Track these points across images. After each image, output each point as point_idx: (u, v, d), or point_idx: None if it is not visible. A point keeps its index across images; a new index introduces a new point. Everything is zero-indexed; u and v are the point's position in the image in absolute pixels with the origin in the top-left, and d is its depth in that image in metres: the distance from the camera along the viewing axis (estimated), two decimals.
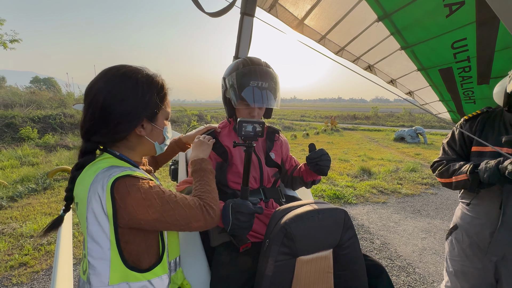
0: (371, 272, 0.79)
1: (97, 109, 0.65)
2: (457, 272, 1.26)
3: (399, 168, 5.92)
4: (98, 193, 0.60)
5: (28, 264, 2.27)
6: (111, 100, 0.65)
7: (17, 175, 4.76)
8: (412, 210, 3.69)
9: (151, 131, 0.73)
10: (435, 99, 3.06)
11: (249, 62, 1.06)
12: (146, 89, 0.69)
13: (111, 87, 0.66)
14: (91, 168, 0.66)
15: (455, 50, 2.10)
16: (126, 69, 0.69)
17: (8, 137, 7.72)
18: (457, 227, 1.29)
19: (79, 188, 0.65)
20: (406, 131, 10.66)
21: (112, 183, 0.60)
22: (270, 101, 1.03)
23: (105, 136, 0.67)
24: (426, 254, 2.58)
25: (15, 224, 2.98)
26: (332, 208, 0.70)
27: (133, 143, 0.73)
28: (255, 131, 0.82)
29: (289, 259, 0.66)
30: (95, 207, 0.60)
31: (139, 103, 0.68)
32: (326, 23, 1.90)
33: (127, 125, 0.67)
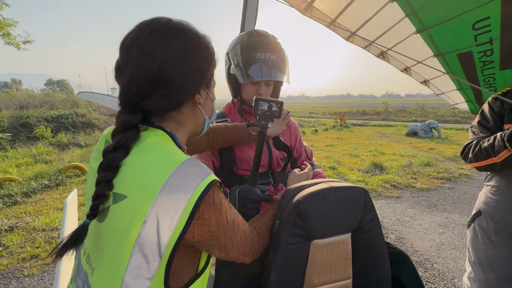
0: (394, 260, 0.71)
1: (155, 65, 0.51)
2: (482, 262, 1.16)
3: (413, 163, 5.72)
4: (177, 193, 0.45)
5: (40, 257, 2.30)
6: (173, 54, 0.52)
7: (31, 172, 4.88)
8: (428, 205, 3.54)
9: (205, 101, 0.60)
10: (452, 88, 2.91)
11: (255, 33, 0.98)
12: (207, 46, 0.58)
13: (169, 38, 0.52)
14: (150, 154, 0.50)
15: (476, 31, 1.96)
16: (177, 20, 0.55)
17: (23, 136, 7.95)
18: (480, 212, 1.19)
19: (131, 177, 0.48)
20: (419, 126, 10.32)
21: (205, 187, 0.47)
22: (278, 74, 0.95)
23: (162, 99, 0.52)
24: (445, 249, 2.46)
25: (29, 218, 3.03)
26: (351, 186, 0.62)
27: (185, 116, 0.58)
28: (271, 111, 0.75)
29: (302, 242, 0.59)
30: (162, 213, 0.45)
31: (203, 60, 0.56)
32: (336, 5, 1.80)
33: (191, 85, 0.55)
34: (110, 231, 0.48)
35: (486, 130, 1.14)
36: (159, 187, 0.45)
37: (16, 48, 6.81)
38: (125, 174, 0.48)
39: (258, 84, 0.98)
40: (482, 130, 1.17)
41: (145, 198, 0.45)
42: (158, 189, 0.45)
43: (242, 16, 1.14)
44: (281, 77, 0.96)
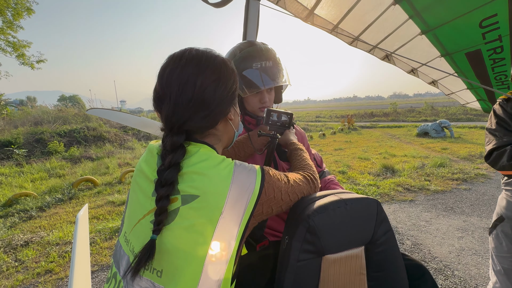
0: (412, 273, 0.67)
1: (195, 91, 0.59)
2: (508, 270, 1.09)
3: (425, 164, 5.57)
4: (242, 187, 0.56)
5: (54, 271, 2.32)
6: (208, 80, 0.60)
7: (45, 187, 5.01)
8: (444, 208, 3.41)
9: (234, 117, 0.70)
10: (462, 88, 2.84)
11: (245, 45, 0.98)
12: (234, 71, 0.67)
13: (204, 68, 0.61)
14: (207, 159, 0.59)
15: (483, 29, 1.92)
16: (208, 52, 0.65)
17: (38, 151, 8.21)
18: (503, 218, 1.13)
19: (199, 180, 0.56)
20: (430, 125, 10.09)
21: (261, 176, 0.59)
22: (278, 79, 0.95)
23: (203, 120, 0.61)
24: (465, 254, 2.34)
25: (43, 232, 3.09)
26: (362, 197, 0.60)
27: (220, 131, 0.68)
28: (281, 121, 0.76)
29: (313, 258, 0.57)
30: (234, 200, 0.55)
31: (233, 83, 0.65)
32: (338, 11, 1.81)
33: (226, 106, 0.64)
34: (182, 229, 0.53)
35: (511, 133, 1.09)
36: (229, 181, 0.55)
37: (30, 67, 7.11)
38: (192, 178, 0.56)
39: (260, 93, 0.97)
40: (505, 133, 1.12)
41: (219, 193, 0.54)
42: (228, 184, 0.55)
43: (244, 25, 1.16)
44: (280, 81, 0.96)
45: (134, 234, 0.59)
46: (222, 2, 1.21)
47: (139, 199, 0.62)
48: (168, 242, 0.54)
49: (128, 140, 10.83)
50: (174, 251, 0.53)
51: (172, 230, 0.54)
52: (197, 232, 0.53)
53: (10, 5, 5.94)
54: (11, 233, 3.10)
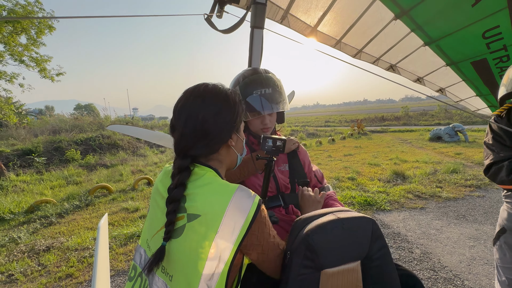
0: (404, 282, 0.73)
1: (197, 124, 0.70)
2: None
3: (438, 170, 5.47)
4: (239, 211, 0.62)
5: (74, 276, 2.46)
6: (209, 113, 0.70)
7: (64, 194, 5.25)
8: (456, 216, 3.36)
9: (236, 142, 0.78)
10: (471, 95, 2.84)
11: (249, 73, 1.08)
12: (235, 101, 0.75)
13: (208, 102, 0.71)
14: (212, 182, 0.68)
15: (487, 39, 1.96)
16: (213, 86, 0.75)
17: (56, 159, 8.59)
18: (505, 230, 1.15)
19: (202, 201, 0.65)
20: (443, 130, 9.87)
21: (257, 205, 0.64)
22: (278, 104, 1.04)
23: (203, 148, 0.71)
24: (476, 264, 2.31)
25: (63, 238, 3.27)
26: (358, 216, 0.67)
27: (222, 156, 0.77)
28: (276, 146, 0.85)
29: (312, 273, 0.63)
30: (230, 224, 0.61)
31: (232, 114, 0.74)
32: (340, 28, 1.88)
33: (224, 136, 0.73)
34: (188, 243, 0.63)
35: (508, 149, 1.13)
36: (226, 205, 0.62)
37: (51, 80, 7.52)
38: (196, 199, 0.65)
39: (262, 117, 1.07)
40: (502, 148, 1.15)
41: (217, 214, 0.62)
42: (225, 207, 0.62)
43: (249, 52, 1.25)
44: (279, 107, 1.05)
45: (154, 242, 0.71)
46: (229, 29, 1.32)
47: (157, 214, 0.73)
48: (177, 253, 0.64)
49: (141, 147, 11.16)
50: (179, 261, 0.63)
51: (180, 243, 0.64)
52: (197, 247, 0.61)
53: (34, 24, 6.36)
54: (34, 239, 3.29)
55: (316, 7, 1.70)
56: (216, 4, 1.43)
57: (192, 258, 0.61)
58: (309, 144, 10.96)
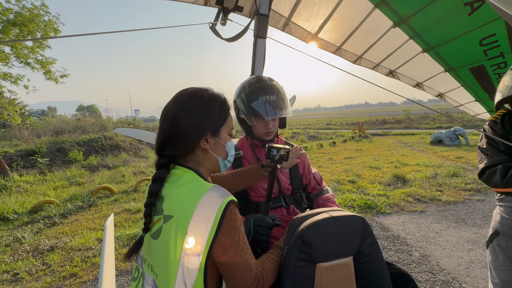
0: (397, 280, 0.77)
1: (168, 125, 0.73)
2: (505, 283, 1.15)
3: (438, 174, 5.49)
4: (207, 212, 0.62)
5: (77, 275, 2.50)
6: (179, 115, 0.73)
7: (66, 194, 5.31)
8: (455, 219, 3.38)
9: (214, 146, 0.78)
10: (470, 100, 2.88)
11: (254, 81, 1.14)
12: (209, 104, 0.75)
13: (180, 103, 0.74)
14: (187, 184, 0.69)
15: (484, 47, 2.00)
16: (193, 89, 0.77)
17: (59, 160, 8.67)
18: (498, 233, 1.19)
19: (175, 202, 0.67)
20: (444, 133, 9.89)
21: (225, 206, 0.64)
22: (281, 111, 1.10)
23: (173, 149, 0.74)
24: (474, 267, 2.34)
25: (66, 238, 3.31)
26: (349, 215, 0.71)
27: (200, 158, 0.77)
28: (280, 155, 0.90)
29: (308, 266, 0.68)
30: (199, 224, 0.62)
31: (203, 117, 0.74)
32: (340, 35, 1.94)
33: (193, 137, 0.74)
34: (164, 243, 0.65)
35: (501, 153, 1.16)
36: (195, 205, 0.63)
37: (55, 82, 7.62)
38: (171, 200, 0.68)
39: (265, 121, 1.12)
40: (495, 152, 1.18)
41: (186, 215, 0.63)
42: (195, 207, 0.63)
43: (252, 61, 1.31)
44: (283, 113, 1.11)
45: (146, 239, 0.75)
46: (233, 37, 1.38)
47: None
48: (158, 253, 0.67)
49: (142, 149, 11.23)
50: (160, 260, 0.66)
51: (159, 244, 0.67)
52: (171, 247, 0.63)
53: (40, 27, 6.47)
54: (38, 239, 3.34)
55: (317, 15, 1.76)
56: (220, 12, 1.49)
57: (168, 257, 0.63)
58: (310, 147, 11.00)
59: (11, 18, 6.23)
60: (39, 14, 6.61)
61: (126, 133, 1.68)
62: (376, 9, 1.71)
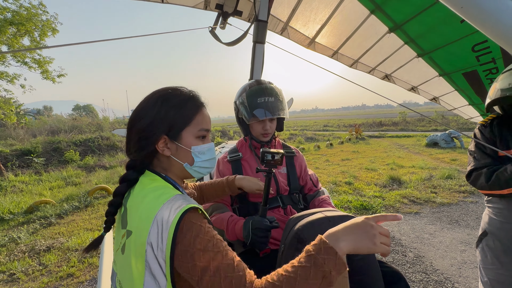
0: (389, 278, 0.80)
1: (127, 128, 0.72)
2: (493, 282, 1.19)
3: (433, 176, 5.57)
4: (162, 227, 0.57)
5: (75, 275, 2.50)
6: (134, 118, 0.70)
7: (63, 194, 5.28)
8: (449, 221, 3.44)
9: (176, 151, 0.71)
10: (463, 104, 2.95)
11: (255, 83, 1.19)
12: (160, 105, 0.69)
13: (138, 107, 0.71)
14: (148, 195, 0.64)
15: (477, 53, 2.06)
16: (156, 90, 0.73)
17: (55, 160, 8.61)
18: (486, 233, 1.24)
19: (134, 216, 0.62)
20: (439, 136, 10.02)
21: (178, 219, 0.57)
22: (278, 111, 1.14)
23: (131, 152, 0.71)
24: (467, 268, 2.39)
25: (63, 239, 3.30)
26: (343, 215, 0.75)
27: (164, 164, 0.73)
28: (275, 160, 0.93)
29: None
30: (154, 241, 0.57)
31: (154, 119, 0.68)
32: (337, 39, 1.99)
33: (146, 141, 0.68)
34: (128, 260, 0.61)
35: (487, 156, 1.21)
36: (151, 221, 0.58)
37: (52, 81, 7.59)
38: (132, 214, 0.64)
39: (263, 122, 1.16)
40: (482, 155, 1.23)
41: (143, 232, 0.58)
42: (150, 223, 0.58)
43: (251, 65, 1.34)
44: (279, 114, 1.15)
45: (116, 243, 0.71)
46: (232, 42, 1.41)
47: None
48: (123, 270, 0.63)
49: None
50: (125, 279, 0.62)
51: (123, 261, 0.62)
52: (134, 266, 0.58)
53: (38, 26, 6.45)
54: (34, 239, 3.33)
55: (314, 21, 1.80)
56: (219, 16, 1.52)
57: (132, 275, 0.59)
58: (307, 148, 11.06)
59: (9, 17, 6.21)
60: (37, 13, 6.59)
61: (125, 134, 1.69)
62: (372, 15, 1.76)
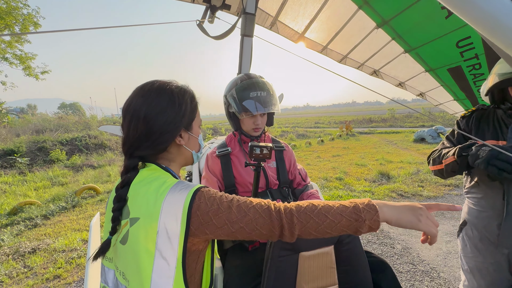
0: (375, 268, 0.82)
1: (139, 124, 0.68)
2: (473, 269, 1.23)
3: (420, 170, 5.72)
4: (174, 209, 0.59)
5: (62, 277, 2.44)
6: (151, 113, 0.68)
7: (49, 195, 5.12)
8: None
9: (188, 140, 0.76)
10: (449, 99, 3.03)
11: (246, 77, 1.18)
12: (181, 99, 0.72)
13: (150, 101, 0.69)
14: (151, 184, 0.65)
15: (460, 49, 2.11)
16: (159, 82, 0.73)
17: (40, 160, 8.34)
18: (466, 222, 1.28)
19: (140, 203, 0.63)
20: (426, 132, 10.30)
21: (192, 196, 0.60)
22: (270, 106, 1.13)
23: (148, 149, 0.69)
24: (451, 258, 2.48)
25: (49, 240, 3.21)
26: None
27: (173, 154, 0.75)
28: (263, 153, 0.92)
29: (291, 255, 0.72)
30: (168, 223, 0.59)
31: (177, 113, 0.71)
32: (326, 34, 1.99)
33: (168, 136, 0.70)
34: (134, 248, 0.61)
35: (451, 143, 1.29)
36: (161, 204, 0.60)
37: (35, 78, 7.31)
38: (136, 202, 0.64)
39: (254, 116, 1.15)
40: (448, 142, 1.31)
41: (153, 215, 0.59)
42: (161, 206, 0.60)
43: (239, 59, 1.33)
44: (271, 109, 1.14)
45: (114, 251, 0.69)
46: (220, 35, 1.39)
47: (109, 212, 0.71)
48: (128, 258, 0.63)
49: None
50: (131, 266, 0.62)
51: (128, 249, 0.62)
52: (142, 251, 0.59)
53: (18, 20, 6.18)
54: (18, 241, 3.22)
55: (303, 15, 1.80)
56: (208, 10, 1.49)
57: (139, 261, 0.60)
58: (298, 145, 11.14)
59: None
60: (17, 7, 6.32)
61: (112, 130, 1.66)
62: (360, 10, 1.77)
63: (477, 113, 1.24)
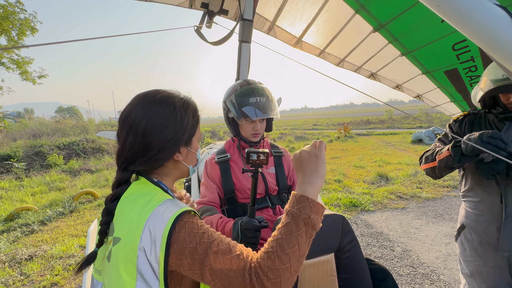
0: (376, 275, 0.81)
1: (137, 138, 0.64)
2: (473, 273, 1.23)
3: (418, 172, 5.73)
4: (154, 232, 0.56)
5: (59, 284, 2.41)
6: (151, 128, 0.64)
7: (46, 200, 5.08)
8: (434, 215, 3.55)
9: (186, 155, 0.72)
10: (446, 101, 3.05)
11: (245, 83, 1.18)
12: (183, 114, 0.68)
13: (151, 114, 0.65)
14: (137, 201, 0.62)
15: (457, 51, 2.12)
16: (162, 94, 0.68)
17: (37, 164, 8.27)
18: (464, 226, 1.28)
19: (123, 222, 0.60)
20: (424, 133, 10.35)
21: (173, 221, 0.56)
22: (269, 112, 1.14)
23: (144, 164, 0.65)
24: (451, 260, 2.47)
25: (46, 246, 3.17)
26: (330, 214, 0.75)
27: (169, 169, 0.71)
28: (260, 159, 0.92)
29: None
30: (147, 246, 0.56)
31: (178, 130, 0.67)
32: (323, 38, 2.00)
33: (167, 152, 0.66)
34: (116, 268, 0.58)
35: (443, 144, 1.30)
36: (142, 226, 0.56)
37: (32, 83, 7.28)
38: (119, 220, 0.61)
39: (253, 122, 1.16)
40: (440, 143, 1.32)
41: (134, 238, 0.56)
42: (141, 228, 0.56)
43: (237, 64, 1.33)
44: (271, 114, 1.14)
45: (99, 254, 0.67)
46: (218, 41, 1.40)
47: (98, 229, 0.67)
48: (110, 279, 0.60)
49: None
50: (114, 286, 0.59)
51: (110, 269, 0.59)
52: (123, 273, 0.57)
53: (15, 25, 6.17)
54: (14, 248, 3.18)
55: (300, 20, 1.80)
56: (205, 15, 1.50)
57: (123, 283, 0.57)
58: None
59: None
60: (14, 11, 6.31)
61: (109, 136, 1.64)
62: (356, 14, 1.78)
63: (469, 117, 1.26)
